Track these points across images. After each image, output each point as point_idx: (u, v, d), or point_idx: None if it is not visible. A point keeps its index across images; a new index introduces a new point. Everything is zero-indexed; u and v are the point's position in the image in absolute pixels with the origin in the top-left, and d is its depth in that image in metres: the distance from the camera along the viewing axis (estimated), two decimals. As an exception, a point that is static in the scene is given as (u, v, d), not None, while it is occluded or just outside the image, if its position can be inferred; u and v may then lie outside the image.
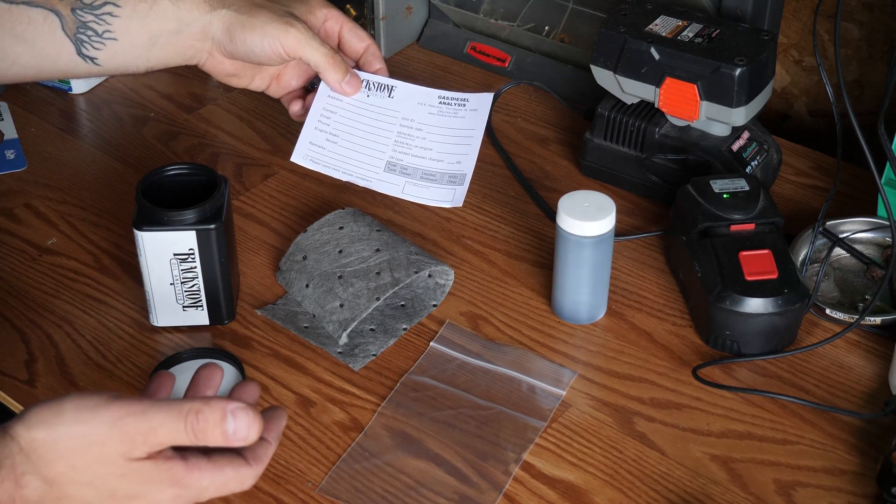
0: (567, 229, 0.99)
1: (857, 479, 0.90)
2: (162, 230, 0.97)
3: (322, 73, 1.07)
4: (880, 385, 0.98)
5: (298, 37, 1.03)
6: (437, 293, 1.07)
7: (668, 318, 1.05)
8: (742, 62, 1.08)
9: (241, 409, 0.69)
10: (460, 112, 1.13)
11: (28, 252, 1.13)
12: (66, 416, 0.69)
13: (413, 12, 1.44)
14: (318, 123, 1.11)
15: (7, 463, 0.68)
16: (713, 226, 1.03)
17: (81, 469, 0.69)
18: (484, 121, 1.11)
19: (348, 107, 1.12)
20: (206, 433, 0.69)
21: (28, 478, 0.69)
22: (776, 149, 1.21)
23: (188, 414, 0.69)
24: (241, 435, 0.69)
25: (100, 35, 1.03)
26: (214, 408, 0.69)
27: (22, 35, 1.01)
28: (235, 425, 0.69)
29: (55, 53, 1.03)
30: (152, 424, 0.68)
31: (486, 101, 1.13)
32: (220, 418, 0.69)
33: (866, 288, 1.08)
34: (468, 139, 1.11)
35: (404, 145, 1.11)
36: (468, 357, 1.01)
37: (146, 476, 0.70)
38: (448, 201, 1.07)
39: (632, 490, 0.90)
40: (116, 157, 1.27)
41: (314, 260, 1.05)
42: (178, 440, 0.69)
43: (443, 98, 1.14)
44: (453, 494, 0.89)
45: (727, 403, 0.97)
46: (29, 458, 0.69)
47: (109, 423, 0.68)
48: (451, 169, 1.09)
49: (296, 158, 1.10)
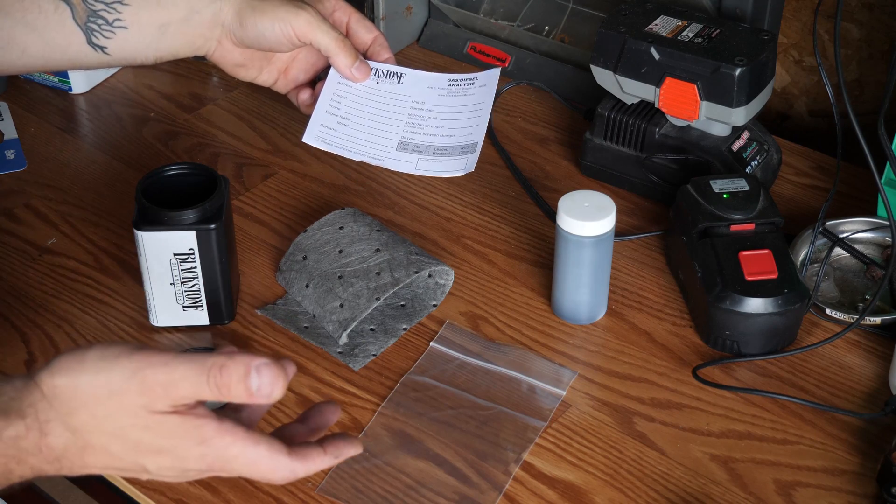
0: (567, 229, 0.99)
1: (857, 479, 0.90)
2: (162, 230, 0.96)
3: (332, 57, 1.07)
4: (880, 385, 0.98)
5: (310, 20, 1.03)
6: (437, 293, 1.07)
7: (668, 318, 1.05)
8: (742, 62, 1.08)
9: (266, 364, 0.67)
10: (470, 90, 1.13)
11: (28, 252, 1.13)
12: (87, 365, 0.68)
13: (413, 12, 1.44)
14: (328, 107, 1.11)
15: (31, 411, 0.68)
16: (713, 226, 1.03)
17: (103, 418, 0.67)
18: (493, 94, 1.12)
19: (358, 92, 1.11)
20: (229, 388, 0.66)
21: (52, 425, 0.68)
22: (776, 149, 1.21)
23: (211, 368, 0.66)
24: (265, 391, 0.66)
25: (110, 24, 1.02)
26: (238, 362, 0.67)
27: (33, 24, 1.01)
28: (259, 381, 0.66)
29: (65, 43, 1.03)
30: (173, 377, 0.66)
31: (493, 76, 1.13)
32: (244, 373, 0.66)
33: (866, 288, 1.08)
34: (478, 112, 1.11)
35: (415, 126, 1.11)
36: (468, 357, 1.01)
37: (170, 430, 0.68)
38: (461, 169, 1.07)
39: (632, 490, 0.90)
40: (116, 157, 1.27)
41: (314, 260, 1.05)
42: (200, 394, 0.67)
43: (452, 80, 1.14)
44: (453, 494, 0.89)
45: (727, 403, 0.97)
46: (52, 405, 0.68)
47: (130, 373, 0.67)
48: (463, 141, 1.09)
49: (307, 139, 1.09)
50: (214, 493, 0.89)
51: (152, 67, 1.40)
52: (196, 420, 0.68)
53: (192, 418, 0.68)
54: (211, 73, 1.39)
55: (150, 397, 0.67)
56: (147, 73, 1.40)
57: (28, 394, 0.68)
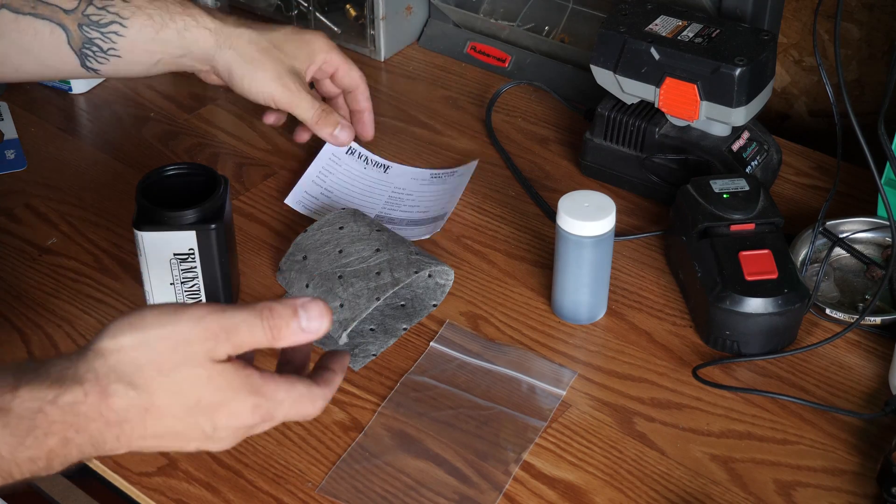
0: (567, 229, 0.99)
1: (857, 479, 0.90)
2: (162, 230, 0.96)
3: (313, 128, 1.14)
4: (880, 385, 0.98)
5: (291, 98, 1.12)
6: (437, 293, 1.07)
7: (668, 318, 1.05)
8: (742, 62, 1.08)
9: (311, 301, 0.70)
10: (449, 180, 1.21)
11: (28, 252, 1.13)
12: (150, 320, 0.69)
13: (413, 12, 1.44)
14: (316, 178, 1.20)
15: (90, 376, 0.67)
16: (713, 226, 1.03)
17: (168, 372, 0.68)
18: (468, 178, 1.20)
19: (346, 171, 1.21)
20: (280, 329, 0.69)
21: (115, 386, 0.67)
22: (776, 149, 1.21)
23: (262, 310, 0.69)
24: (315, 326, 0.69)
25: (105, 52, 1.04)
26: (286, 304, 0.69)
27: (28, 46, 1.02)
28: (308, 317, 0.69)
29: (59, 64, 1.05)
30: (235, 320, 0.69)
31: (471, 167, 1.22)
32: (292, 313, 0.69)
33: (866, 288, 1.08)
34: (453, 193, 1.19)
35: (394, 205, 1.19)
36: (468, 357, 1.01)
37: (229, 381, 0.69)
38: (427, 234, 1.14)
39: (632, 490, 0.90)
40: (116, 157, 1.27)
41: (314, 260, 1.05)
42: (256, 338, 0.69)
43: (435, 174, 1.23)
44: (453, 494, 0.89)
45: (727, 403, 0.97)
46: (115, 366, 0.68)
47: (195, 320, 0.68)
48: (434, 214, 1.16)
49: (289, 202, 1.18)
50: (214, 493, 0.89)
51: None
52: (245, 370, 0.70)
53: (242, 368, 0.70)
54: (211, 73, 1.39)
55: (215, 342, 0.68)
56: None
57: (84, 361, 0.68)
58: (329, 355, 0.77)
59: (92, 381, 0.67)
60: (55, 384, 0.67)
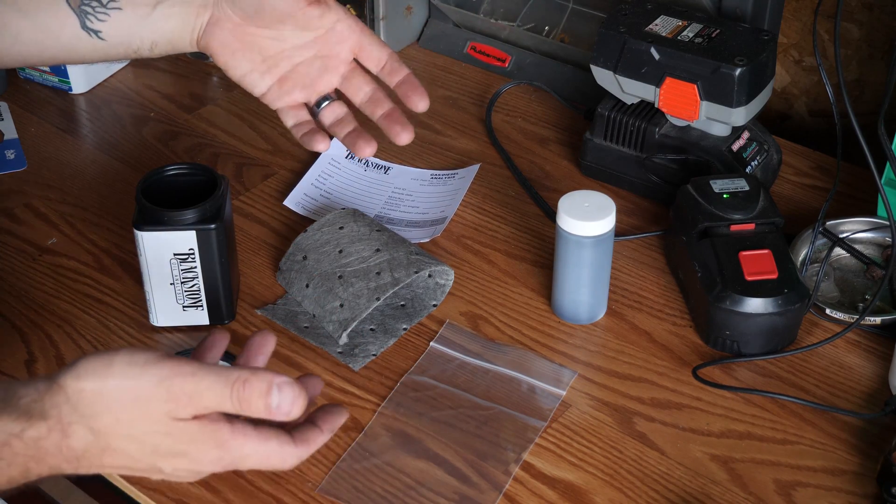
0: (567, 229, 0.99)
1: (857, 479, 0.90)
2: (162, 230, 0.96)
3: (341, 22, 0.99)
4: (880, 385, 0.98)
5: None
6: (437, 293, 1.07)
7: (668, 318, 1.05)
8: (742, 62, 1.08)
9: (288, 383, 0.69)
10: (450, 182, 1.21)
11: (28, 252, 1.13)
12: (115, 370, 0.69)
13: (413, 12, 1.44)
14: (315, 181, 1.20)
15: (54, 413, 0.68)
16: (713, 226, 1.03)
17: (126, 423, 0.69)
18: (469, 182, 1.19)
19: (346, 174, 1.22)
20: (250, 403, 0.69)
21: (75, 427, 0.69)
22: (776, 149, 1.21)
23: (235, 382, 0.68)
24: (285, 409, 0.69)
25: (104, 6, 1.01)
26: (262, 379, 0.69)
27: (25, 8, 1.00)
28: (280, 399, 0.68)
29: (58, 27, 1.01)
30: (199, 387, 0.68)
31: (473, 170, 1.21)
32: (265, 390, 0.68)
33: (866, 288, 1.08)
34: (454, 196, 1.19)
35: (393, 205, 1.19)
36: (468, 357, 1.01)
37: (190, 436, 0.70)
38: (427, 237, 1.13)
39: (632, 490, 0.90)
40: (116, 157, 1.27)
41: (314, 260, 1.05)
42: (222, 406, 0.69)
43: (435, 175, 1.23)
44: (453, 494, 0.89)
45: (727, 403, 0.97)
46: (76, 408, 0.69)
47: (157, 380, 0.69)
48: (434, 217, 1.16)
49: (288, 203, 1.18)
50: (214, 493, 0.89)
51: (153, 67, 1.40)
52: (212, 425, 0.70)
53: (209, 423, 0.70)
54: (211, 73, 1.39)
55: (176, 405, 0.69)
56: (147, 72, 1.40)
57: (51, 396, 0.69)
58: (324, 411, 0.75)
59: (55, 419, 0.69)
60: (22, 417, 0.68)
